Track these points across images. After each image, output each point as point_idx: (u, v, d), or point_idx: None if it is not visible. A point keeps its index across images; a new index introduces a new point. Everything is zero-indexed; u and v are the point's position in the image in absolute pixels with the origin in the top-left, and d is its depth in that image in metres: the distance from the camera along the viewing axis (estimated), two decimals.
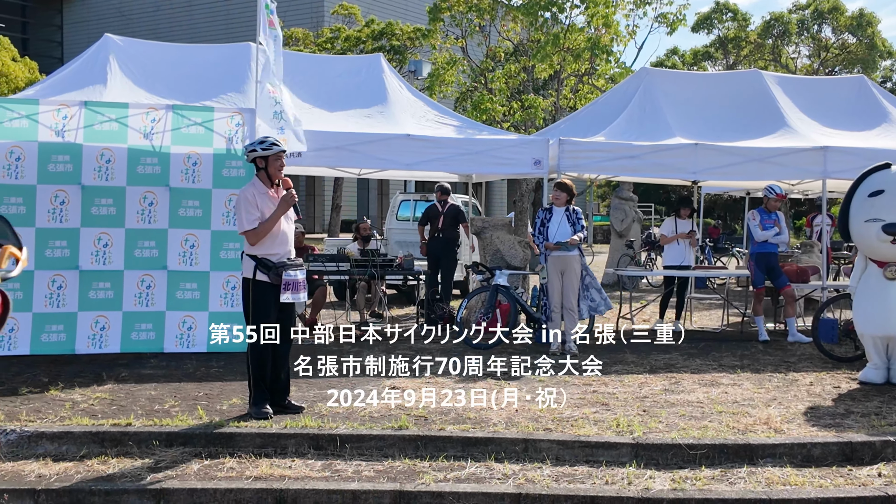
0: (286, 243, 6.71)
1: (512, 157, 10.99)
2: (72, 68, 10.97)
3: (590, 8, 17.00)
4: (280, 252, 6.64)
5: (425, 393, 7.23)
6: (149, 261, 9.18)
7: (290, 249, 6.75)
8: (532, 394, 7.42)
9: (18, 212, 8.80)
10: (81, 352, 8.91)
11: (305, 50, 28.59)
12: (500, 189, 41.87)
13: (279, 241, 6.64)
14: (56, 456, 5.86)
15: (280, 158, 6.71)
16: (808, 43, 36.69)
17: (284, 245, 6.69)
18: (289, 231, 6.76)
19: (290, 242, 6.78)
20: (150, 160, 9.26)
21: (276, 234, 6.62)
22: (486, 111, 17.01)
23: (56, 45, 50.69)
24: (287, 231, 6.74)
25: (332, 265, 11.29)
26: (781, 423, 6.61)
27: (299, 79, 11.44)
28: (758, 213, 11.03)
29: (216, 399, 7.14)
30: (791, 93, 12.67)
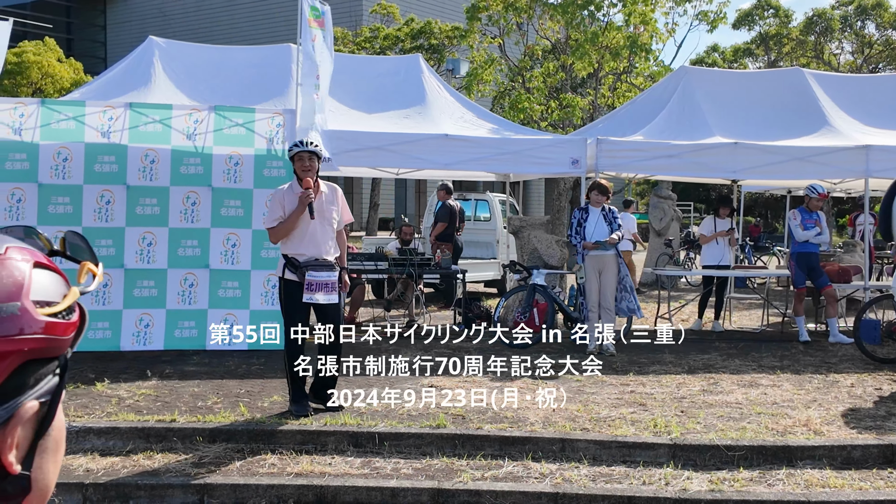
0: (315, 244, 6.66)
1: (550, 156, 11.00)
2: (117, 70, 11.20)
3: (628, 6, 16.94)
4: (308, 252, 6.64)
5: (463, 391, 7.29)
6: (192, 259, 9.34)
7: (321, 250, 6.67)
8: (569, 393, 7.44)
9: (66, 211, 9.01)
10: (126, 349, 9.09)
11: (344, 49, 28.75)
12: (537, 188, 41.78)
13: (306, 242, 6.65)
14: (103, 451, 6.01)
15: (302, 159, 6.62)
16: (851, 39, 36.15)
17: (312, 245, 6.65)
18: (321, 232, 6.69)
19: (323, 244, 6.69)
20: (193, 160, 9.42)
21: (304, 234, 6.64)
22: (524, 110, 17.02)
23: (100, 46, 51.50)
24: (318, 232, 6.67)
25: (371, 264, 11.40)
26: (821, 425, 6.57)
27: (339, 79, 11.54)
28: (799, 213, 10.92)
29: (257, 396, 7.26)
30: (832, 91, 12.54)
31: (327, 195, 6.81)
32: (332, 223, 6.81)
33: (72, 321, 0.93)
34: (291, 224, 6.61)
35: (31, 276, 0.91)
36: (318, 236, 6.70)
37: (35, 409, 0.91)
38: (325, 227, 6.77)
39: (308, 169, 6.63)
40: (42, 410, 0.92)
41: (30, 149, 8.98)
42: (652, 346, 10.23)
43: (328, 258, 6.74)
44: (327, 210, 6.78)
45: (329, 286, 6.65)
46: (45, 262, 0.95)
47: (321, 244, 6.71)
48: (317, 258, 6.67)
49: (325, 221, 6.76)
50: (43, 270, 0.93)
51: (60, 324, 0.91)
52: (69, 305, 0.94)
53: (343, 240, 7.00)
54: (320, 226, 6.71)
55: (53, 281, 0.94)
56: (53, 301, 0.92)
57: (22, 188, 8.96)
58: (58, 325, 0.91)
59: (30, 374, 0.90)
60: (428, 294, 14.30)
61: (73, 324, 0.94)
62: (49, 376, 0.92)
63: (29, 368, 0.89)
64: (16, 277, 0.89)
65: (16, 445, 0.89)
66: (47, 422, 0.93)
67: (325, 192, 6.80)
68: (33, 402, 0.90)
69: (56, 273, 0.95)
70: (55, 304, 0.92)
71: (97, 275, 1.02)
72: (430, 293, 15.04)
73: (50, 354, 0.91)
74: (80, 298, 0.97)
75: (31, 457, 0.91)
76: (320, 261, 6.68)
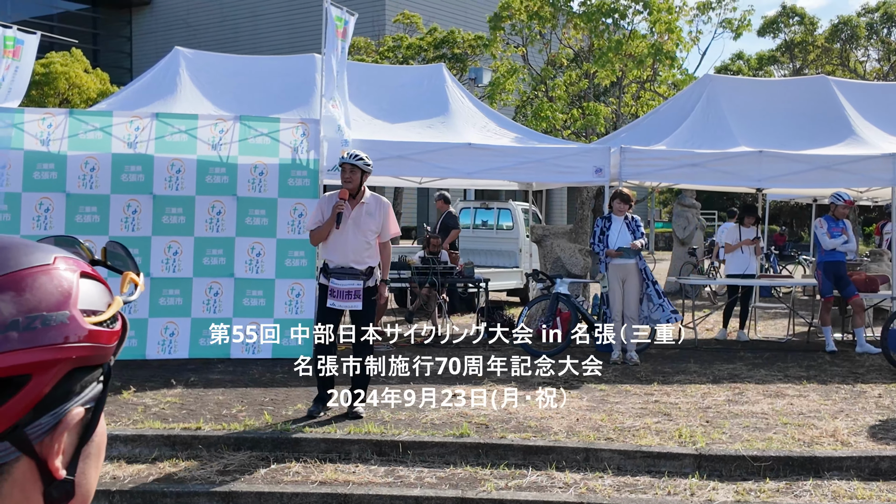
0: (344, 252, 6.84)
1: (573, 165, 11.00)
2: (144, 80, 11.32)
3: (652, 14, 16.92)
4: (336, 260, 6.87)
5: (486, 400, 7.29)
6: (217, 268, 9.41)
7: (349, 259, 6.84)
8: (593, 402, 7.43)
9: (93, 220, 9.11)
10: (152, 357, 9.16)
11: (367, 59, 28.90)
12: (560, 197, 41.71)
13: (332, 249, 6.91)
14: (129, 458, 6.06)
15: (344, 171, 6.92)
16: (878, 46, 35.87)
17: (339, 253, 6.85)
18: (353, 242, 6.84)
19: (353, 253, 6.84)
20: (219, 170, 9.49)
21: (336, 242, 6.87)
22: (546, 119, 17.03)
23: (125, 56, 52.08)
24: (349, 242, 6.84)
25: (394, 273, 11.42)
26: (848, 436, 6.51)
27: (363, 89, 11.62)
28: (825, 221, 10.82)
29: (282, 404, 7.29)
30: (857, 99, 12.45)
31: (368, 206, 6.95)
32: (366, 234, 6.92)
33: (115, 329, 0.96)
34: (323, 230, 6.89)
35: (79, 286, 0.93)
36: (349, 245, 6.86)
37: (81, 416, 0.93)
38: (358, 238, 6.90)
39: (348, 180, 6.88)
40: (87, 417, 0.94)
41: (58, 159, 9.09)
42: (676, 355, 10.21)
43: (358, 267, 6.87)
44: (364, 221, 6.90)
45: (351, 294, 6.81)
46: (91, 272, 0.97)
47: (349, 253, 6.86)
48: (343, 266, 6.84)
49: (359, 232, 6.89)
50: (89, 280, 0.95)
51: (105, 332, 0.93)
52: (113, 314, 0.96)
53: (386, 252, 7.11)
54: (353, 235, 6.87)
55: (98, 290, 0.96)
56: (99, 310, 0.94)
57: (50, 198, 9.06)
58: (103, 334, 0.93)
59: (76, 381, 0.92)
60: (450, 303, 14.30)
61: (116, 332, 0.96)
62: (94, 383, 0.95)
63: (75, 376, 0.91)
64: (64, 287, 0.91)
65: (62, 451, 0.91)
66: (91, 428, 0.95)
67: (367, 204, 6.96)
68: (79, 409, 0.92)
69: (100, 283, 0.98)
70: (101, 312, 0.94)
71: (139, 284, 1.04)
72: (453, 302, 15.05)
73: (95, 362, 0.94)
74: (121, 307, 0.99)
75: (75, 462, 0.93)
76: (346, 269, 6.85)
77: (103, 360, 0.94)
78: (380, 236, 7.00)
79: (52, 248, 0.94)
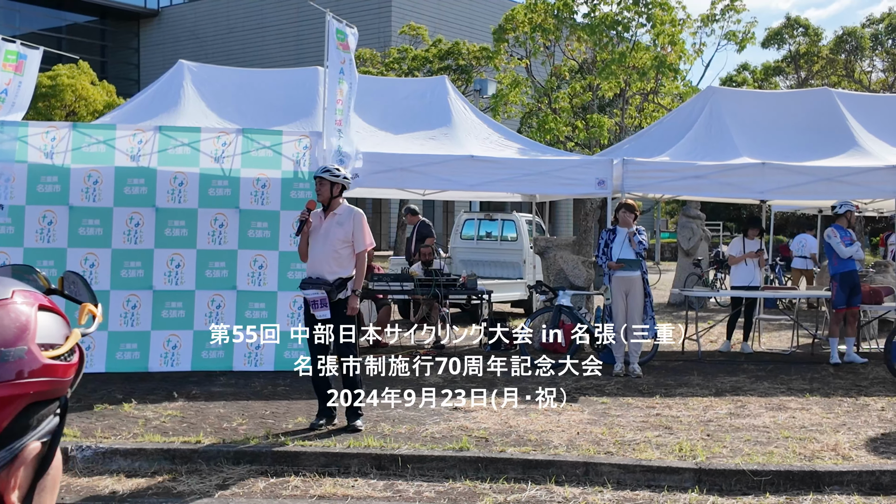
0: (313, 263, 7.07)
1: (575, 177, 10.99)
2: (148, 93, 11.36)
3: (656, 27, 16.94)
4: (308, 271, 7.13)
5: (486, 414, 7.29)
6: (219, 281, 9.42)
7: (317, 269, 7.01)
8: (594, 415, 7.41)
9: (95, 233, 9.14)
10: (154, 370, 9.17)
11: (373, 70, 28.99)
12: (566, 208, 41.71)
13: (309, 261, 7.15)
14: (129, 472, 6.06)
15: (318, 183, 7.10)
16: (883, 57, 35.81)
17: (313, 265, 7.08)
18: (321, 253, 7.02)
19: (320, 264, 7.01)
20: (221, 183, 9.52)
21: (310, 253, 7.12)
22: (550, 131, 17.04)
23: (133, 68, 52.31)
24: (318, 253, 7.03)
25: (396, 285, 11.42)
26: (850, 450, 6.48)
27: (366, 101, 11.64)
28: (837, 231, 10.75)
29: (282, 418, 7.29)
30: (860, 111, 12.43)
31: (339, 217, 7.07)
32: (334, 244, 7.03)
33: (72, 363, 0.96)
34: (301, 243, 7.15)
35: (37, 320, 0.93)
36: (317, 256, 7.07)
37: (37, 450, 0.93)
38: (327, 248, 7.04)
39: (318, 192, 7.14)
40: (43, 450, 0.94)
41: (61, 172, 9.13)
42: (679, 367, 10.18)
43: (326, 277, 6.99)
44: (333, 232, 7.03)
45: (317, 303, 6.97)
46: (48, 304, 0.97)
47: (317, 263, 7.07)
48: (311, 276, 7.08)
49: (328, 242, 7.03)
50: (46, 313, 0.95)
51: (62, 366, 0.94)
52: (71, 347, 0.96)
53: (360, 263, 7.12)
54: (322, 246, 7.04)
55: (56, 323, 0.96)
56: (57, 343, 0.94)
57: (53, 211, 9.10)
58: (60, 368, 0.93)
59: (33, 414, 0.92)
60: (454, 314, 14.30)
61: (73, 365, 0.96)
62: (50, 417, 0.94)
63: (32, 409, 0.91)
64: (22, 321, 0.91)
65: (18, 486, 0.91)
66: (47, 461, 0.95)
67: (338, 215, 7.08)
68: (36, 444, 0.92)
69: (58, 315, 0.98)
70: (58, 346, 0.94)
71: (97, 316, 1.04)
72: (456, 313, 15.04)
73: (52, 396, 0.94)
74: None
75: (30, 496, 0.93)
76: (313, 279, 7.05)
77: (60, 393, 0.95)
78: (354, 247, 7.06)
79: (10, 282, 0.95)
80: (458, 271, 14.56)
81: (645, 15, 17.19)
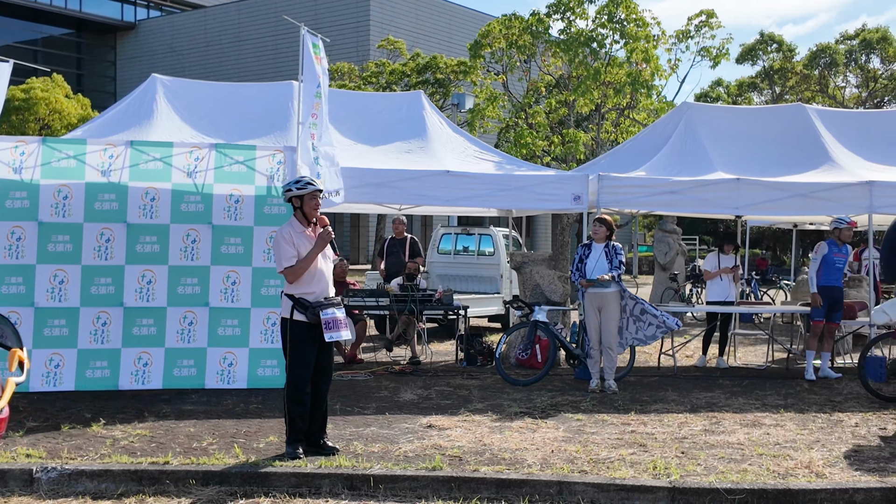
0: (323, 282, 6.69)
1: (551, 192, 10.98)
2: (119, 108, 11.24)
3: (629, 43, 17.02)
4: (317, 291, 6.62)
5: (461, 431, 7.22)
6: (191, 297, 9.30)
7: (327, 288, 6.71)
8: (569, 433, 7.36)
9: (65, 249, 9.00)
10: (125, 388, 9.03)
11: (350, 85, 28.98)
12: (544, 222, 41.81)
13: (316, 280, 6.64)
14: (95, 494, 5.94)
15: (315, 198, 6.70)
16: (856, 73, 36.23)
17: (321, 284, 6.66)
18: (326, 270, 6.74)
19: (328, 281, 6.76)
20: (194, 198, 9.42)
21: (314, 272, 6.61)
22: (527, 145, 17.06)
23: (109, 81, 52.05)
24: (324, 270, 6.72)
25: (372, 300, 11.35)
26: (824, 467, 6.47)
27: (342, 115, 11.60)
28: (827, 246, 10.74)
29: (253, 437, 7.19)
30: (834, 127, 12.52)
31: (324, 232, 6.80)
32: (329, 260, 6.83)
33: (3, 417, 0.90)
34: (310, 263, 6.56)
35: None
36: (326, 275, 6.72)
37: None
38: (328, 265, 6.81)
39: (314, 208, 6.71)
40: None
41: (30, 187, 9.00)
42: (655, 382, 10.17)
43: (332, 296, 6.76)
44: (326, 248, 6.79)
45: (342, 323, 6.61)
46: None
47: (326, 282, 6.72)
48: (325, 297, 6.66)
49: (326, 258, 6.80)
50: None
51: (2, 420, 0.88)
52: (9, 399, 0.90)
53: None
54: (326, 264, 6.76)
55: None
56: None
57: (22, 226, 8.96)
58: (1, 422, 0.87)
59: None
60: (431, 329, 14.23)
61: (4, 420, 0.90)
62: None
63: None
64: None
65: None
66: None
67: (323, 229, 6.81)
68: None
69: None
70: None
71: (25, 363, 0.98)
72: (433, 328, 14.98)
73: None
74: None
75: None
76: (330, 299, 6.67)
77: None
78: None
79: None
80: (436, 286, 14.51)
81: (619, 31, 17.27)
